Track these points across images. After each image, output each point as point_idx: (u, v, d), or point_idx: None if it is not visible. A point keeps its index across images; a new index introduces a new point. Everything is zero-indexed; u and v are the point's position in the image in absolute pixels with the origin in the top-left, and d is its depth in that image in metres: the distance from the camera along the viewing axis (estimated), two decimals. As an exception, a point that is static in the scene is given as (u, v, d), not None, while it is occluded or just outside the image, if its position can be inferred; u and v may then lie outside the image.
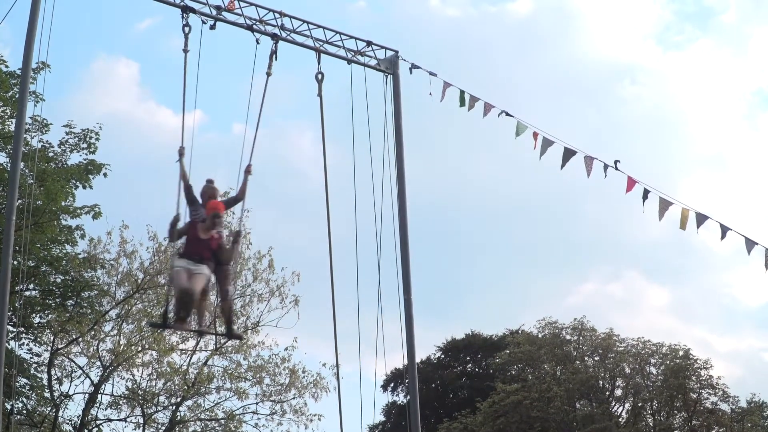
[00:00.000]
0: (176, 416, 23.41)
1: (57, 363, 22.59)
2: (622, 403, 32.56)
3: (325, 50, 13.41)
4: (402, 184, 13.98)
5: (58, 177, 19.87)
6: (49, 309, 21.63)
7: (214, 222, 10.37)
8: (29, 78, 12.10)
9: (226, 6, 12.43)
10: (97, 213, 20.70)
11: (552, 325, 33.02)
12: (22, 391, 21.33)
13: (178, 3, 11.90)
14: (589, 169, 12.20)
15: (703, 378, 31.28)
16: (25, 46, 11.24)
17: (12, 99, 19.34)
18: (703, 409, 31.14)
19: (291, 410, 23.73)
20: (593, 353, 32.78)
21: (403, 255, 13.79)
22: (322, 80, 12.90)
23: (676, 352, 31.39)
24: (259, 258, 24.09)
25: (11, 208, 11.02)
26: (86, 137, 20.76)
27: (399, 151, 14.04)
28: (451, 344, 41.81)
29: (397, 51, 14.25)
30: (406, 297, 13.53)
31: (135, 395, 22.98)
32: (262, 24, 12.78)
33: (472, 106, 13.59)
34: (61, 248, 21.25)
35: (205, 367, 23.61)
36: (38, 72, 17.76)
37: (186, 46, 11.34)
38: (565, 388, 31.39)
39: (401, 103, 14.17)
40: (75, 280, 21.52)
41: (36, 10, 11.19)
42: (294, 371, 23.89)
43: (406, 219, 13.95)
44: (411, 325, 13.44)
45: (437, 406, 38.96)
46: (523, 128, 12.87)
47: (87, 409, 22.40)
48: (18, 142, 11.31)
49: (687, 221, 11.67)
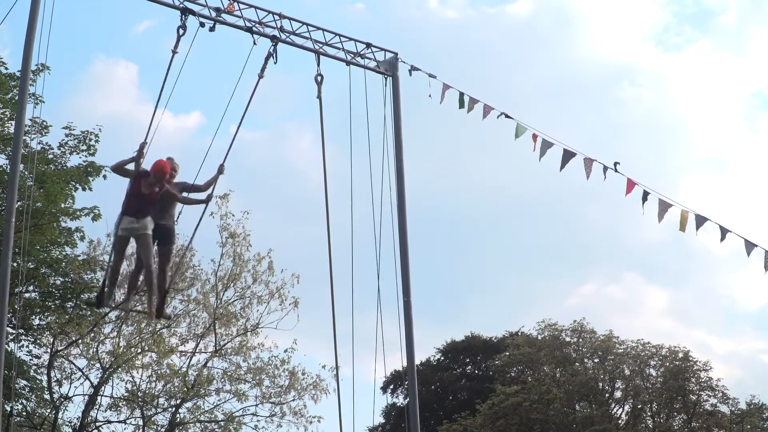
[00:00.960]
0: (176, 418, 23.41)
1: (56, 365, 22.60)
2: (622, 405, 32.54)
3: (324, 52, 13.39)
4: (401, 186, 13.97)
5: (57, 179, 19.87)
6: (48, 311, 21.63)
7: (157, 182, 10.56)
8: (29, 80, 12.11)
9: (226, 8, 12.43)
10: (97, 215, 20.71)
11: (552, 327, 33.02)
12: (21, 393, 21.34)
13: (178, 5, 11.90)
14: (588, 171, 12.18)
15: (702, 380, 31.27)
16: (24, 47, 11.22)
17: (12, 101, 19.34)
18: (702, 411, 31.12)
19: (290, 412, 23.78)
20: (593, 355, 32.76)
21: (402, 257, 13.78)
22: (322, 82, 12.90)
23: (675, 354, 31.38)
24: (259, 260, 24.12)
25: (11, 209, 11.00)
26: (86, 139, 20.77)
27: (398, 153, 14.03)
28: (450, 346, 41.78)
29: (397, 53, 14.25)
30: (406, 299, 13.51)
31: (134, 397, 22.98)
32: (262, 26, 12.77)
33: (471, 108, 13.57)
34: (61, 250, 21.26)
35: (204, 368, 23.63)
36: (38, 74, 17.77)
37: (176, 47, 11.28)
38: (564, 390, 31.37)
39: (401, 105, 14.17)
40: (74, 282, 21.52)
41: (35, 12, 11.17)
42: (294, 373, 23.90)
43: (406, 221, 13.94)
44: (410, 327, 13.43)
45: (437, 408, 38.92)
46: (522, 130, 12.85)
47: (87, 411, 22.40)
48: (17, 144, 11.29)
49: (686, 223, 11.66)
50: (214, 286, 23.66)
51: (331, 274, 12.77)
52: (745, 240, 11.50)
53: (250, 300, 24.01)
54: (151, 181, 10.54)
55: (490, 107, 13.32)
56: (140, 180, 10.57)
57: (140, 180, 10.57)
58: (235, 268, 23.77)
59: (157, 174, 10.52)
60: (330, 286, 12.78)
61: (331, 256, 12.72)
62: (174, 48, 11.27)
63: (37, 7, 11.18)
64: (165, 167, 10.62)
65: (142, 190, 10.56)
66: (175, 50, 11.26)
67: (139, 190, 10.57)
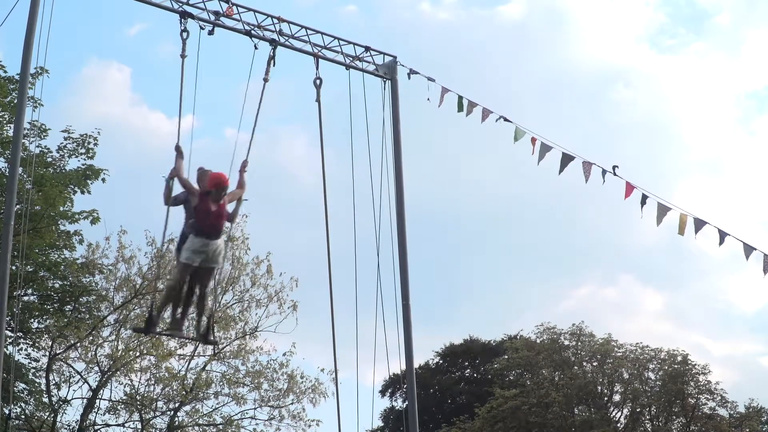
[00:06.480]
0: (174, 421, 23.38)
1: (55, 368, 22.57)
2: (621, 408, 32.51)
3: (323, 56, 13.40)
4: (400, 190, 13.97)
5: (56, 182, 19.85)
6: (47, 314, 21.61)
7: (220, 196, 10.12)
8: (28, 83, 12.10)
9: (225, 12, 12.44)
10: (96, 218, 20.70)
11: (550, 330, 33.00)
12: (20, 396, 21.30)
13: (177, 9, 11.92)
14: (587, 175, 12.18)
15: (701, 383, 31.26)
16: (23, 50, 11.23)
17: (11, 104, 19.33)
18: (701, 414, 31.11)
19: (289, 415, 23.76)
20: (591, 359, 32.75)
21: (401, 260, 13.79)
22: (321, 86, 12.91)
23: (674, 358, 31.37)
24: (258, 263, 24.11)
25: (9, 213, 11.01)
26: (84, 142, 20.76)
27: (397, 157, 14.04)
28: (449, 350, 41.80)
29: (395, 56, 14.27)
30: (405, 302, 13.52)
31: (133, 400, 22.95)
32: (261, 29, 12.78)
33: (470, 111, 13.59)
34: (60, 253, 21.22)
35: (203, 372, 23.61)
36: (36, 77, 17.76)
37: (184, 51, 11.32)
38: (563, 393, 31.35)
39: (399, 109, 14.17)
40: (73, 286, 21.49)
41: (34, 15, 11.18)
42: (292, 376, 23.89)
43: (405, 224, 13.95)
44: (409, 330, 13.43)
45: (435, 411, 38.93)
46: (521, 133, 12.86)
47: (85, 414, 22.37)
48: (16, 147, 11.30)
49: (685, 227, 11.67)
50: (213, 289, 23.59)
51: (330, 277, 12.78)
52: (744, 243, 11.50)
53: (248, 303, 24.01)
54: (215, 197, 10.07)
55: (488, 111, 13.34)
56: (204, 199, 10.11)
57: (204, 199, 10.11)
58: (234, 271, 23.75)
59: (218, 187, 10.08)
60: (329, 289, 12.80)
61: (330, 259, 12.73)
62: (182, 52, 11.29)
63: (36, 10, 11.19)
64: (223, 178, 10.19)
65: (211, 209, 10.08)
66: (183, 54, 11.28)
67: (208, 207, 10.08)
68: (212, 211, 10.09)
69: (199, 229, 10.10)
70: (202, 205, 10.07)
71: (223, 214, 10.24)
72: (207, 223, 10.08)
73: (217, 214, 10.13)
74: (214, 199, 10.09)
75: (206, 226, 10.08)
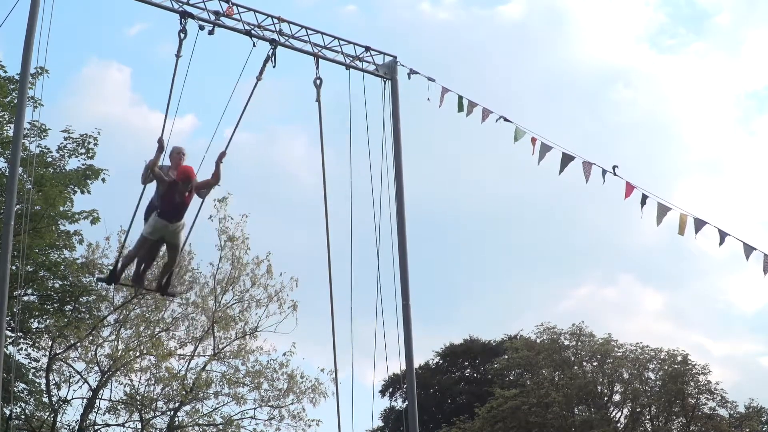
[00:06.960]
0: (174, 421, 23.38)
1: (55, 368, 22.58)
2: (621, 408, 32.50)
3: (323, 56, 13.39)
4: (400, 190, 13.96)
5: (56, 182, 19.85)
6: (47, 314, 21.62)
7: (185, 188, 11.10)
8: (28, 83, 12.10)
9: (225, 11, 12.43)
10: (96, 218, 20.70)
11: (550, 330, 32.99)
12: (20, 396, 21.30)
13: (177, 9, 11.91)
14: (587, 175, 12.16)
15: (701, 383, 31.25)
16: (23, 50, 11.21)
17: (11, 104, 19.33)
18: (701, 414, 31.10)
19: (289, 415, 23.76)
20: (591, 359, 32.74)
21: (401, 260, 13.76)
22: (321, 85, 12.91)
23: (674, 358, 31.36)
24: (258, 263, 24.11)
25: (10, 213, 11.00)
26: (84, 142, 20.75)
27: (397, 157, 14.02)
28: (449, 350, 41.79)
29: (395, 56, 14.25)
30: (405, 302, 13.50)
31: (133, 400, 22.95)
32: (261, 29, 12.78)
33: (470, 111, 13.57)
34: (60, 253, 21.23)
35: (203, 372, 23.60)
36: (36, 77, 17.76)
37: (179, 51, 11.35)
38: (563, 393, 31.35)
39: (399, 109, 14.16)
40: (73, 285, 21.50)
41: (34, 15, 11.17)
42: (292, 376, 23.89)
43: (405, 224, 13.93)
44: (409, 330, 13.41)
45: (435, 411, 38.93)
46: (521, 133, 12.85)
47: (85, 414, 22.38)
48: (16, 147, 11.29)
49: (685, 227, 11.66)
50: (213, 289, 23.65)
51: (330, 277, 12.76)
52: (744, 243, 11.49)
53: (248, 303, 24.01)
54: (181, 189, 11.07)
55: (488, 111, 13.32)
56: (173, 187, 11.04)
57: (173, 187, 11.04)
58: (234, 271, 23.77)
59: (185, 181, 11.03)
60: (329, 289, 12.79)
61: (330, 259, 12.73)
62: (177, 52, 11.39)
63: (36, 10, 11.18)
64: (190, 172, 11.13)
65: (176, 198, 11.08)
66: (178, 54, 11.35)
67: (174, 195, 11.07)
68: (176, 201, 11.13)
69: (163, 211, 11.15)
70: (168, 193, 11.07)
71: (187, 203, 11.25)
72: (170, 209, 11.14)
73: (180, 203, 11.17)
74: (180, 191, 11.09)
75: (169, 211, 11.15)
